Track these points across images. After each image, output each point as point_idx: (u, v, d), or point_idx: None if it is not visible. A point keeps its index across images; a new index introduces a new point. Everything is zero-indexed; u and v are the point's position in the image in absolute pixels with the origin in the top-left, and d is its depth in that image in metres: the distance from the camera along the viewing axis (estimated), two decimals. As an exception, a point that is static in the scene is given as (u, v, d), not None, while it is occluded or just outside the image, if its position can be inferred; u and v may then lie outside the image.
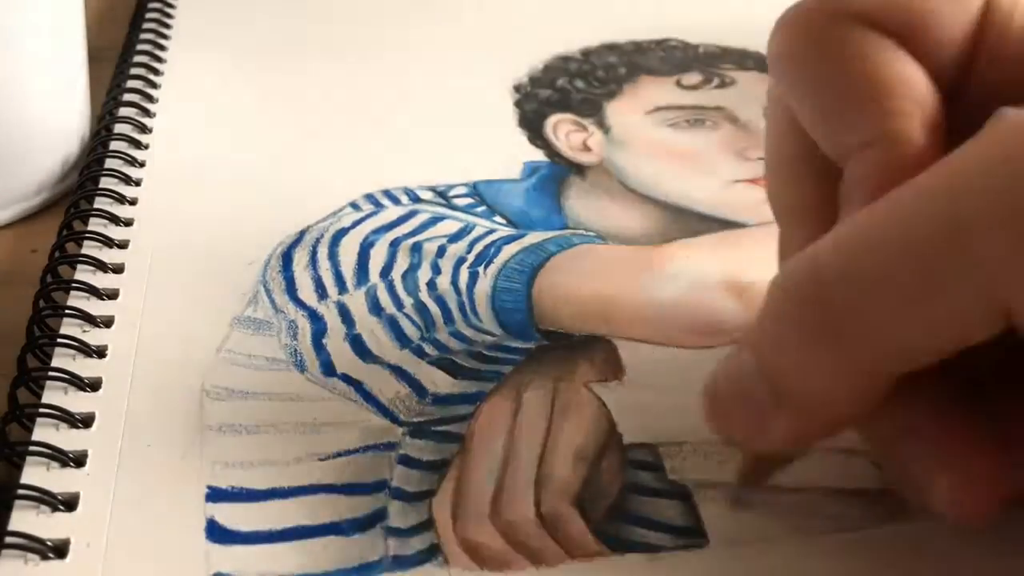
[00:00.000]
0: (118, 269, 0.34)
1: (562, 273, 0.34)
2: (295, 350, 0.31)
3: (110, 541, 0.25)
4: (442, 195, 0.38)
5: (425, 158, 0.40)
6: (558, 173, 0.40)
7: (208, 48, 0.48)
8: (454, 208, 0.37)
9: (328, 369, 0.31)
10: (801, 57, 0.26)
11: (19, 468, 0.27)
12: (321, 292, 0.33)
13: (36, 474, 0.27)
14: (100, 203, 0.37)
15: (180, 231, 0.36)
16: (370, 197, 0.38)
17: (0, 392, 0.29)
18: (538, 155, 0.41)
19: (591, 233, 0.37)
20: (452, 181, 0.39)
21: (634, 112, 0.44)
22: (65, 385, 0.29)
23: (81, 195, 0.37)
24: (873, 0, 0.25)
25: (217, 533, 0.26)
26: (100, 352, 0.31)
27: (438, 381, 0.30)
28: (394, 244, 0.35)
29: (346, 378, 0.30)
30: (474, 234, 0.36)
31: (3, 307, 0.33)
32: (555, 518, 0.26)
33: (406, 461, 0.28)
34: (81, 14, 0.40)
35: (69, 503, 0.26)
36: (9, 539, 0.25)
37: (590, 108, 0.44)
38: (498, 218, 0.37)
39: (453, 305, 0.33)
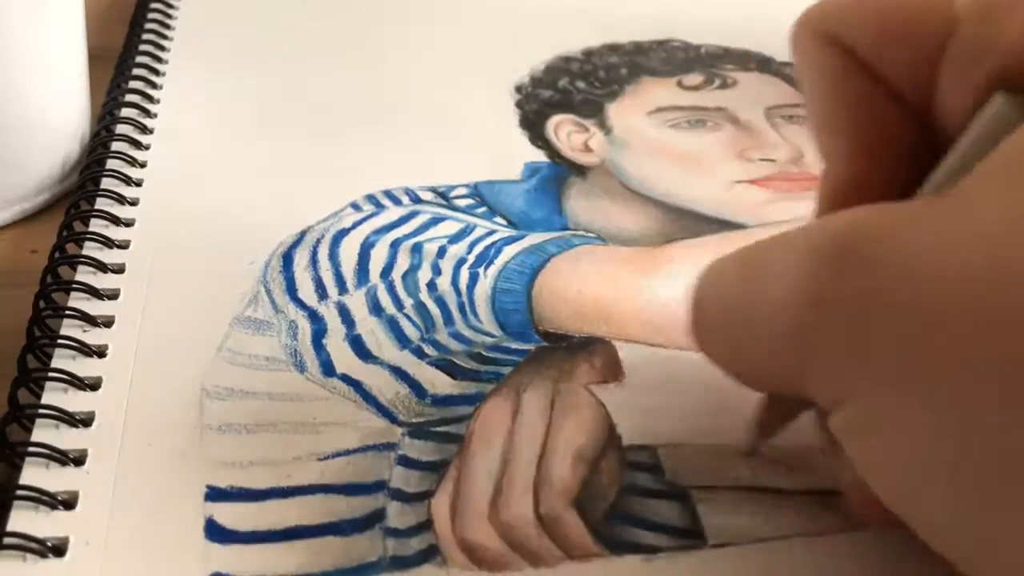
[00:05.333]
0: (118, 269, 0.34)
1: (562, 274, 0.34)
2: (295, 350, 0.31)
3: (109, 540, 0.25)
4: (443, 196, 0.38)
5: (426, 158, 0.40)
6: (559, 174, 0.40)
7: (209, 48, 0.48)
8: (455, 209, 0.37)
9: (328, 369, 0.31)
10: (794, 66, 0.27)
11: (19, 468, 0.27)
12: (321, 292, 0.33)
13: (35, 474, 0.27)
14: (101, 203, 0.37)
15: (181, 231, 0.36)
16: (371, 198, 0.38)
17: (0, 392, 0.29)
18: (539, 156, 0.41)
19: (591, 234, 0.37)
20: (453, 182, 0.39)
21: (635, 113, 0.44)
22: (65, 385, 0.29)
23: (81, 195, 0.37)
24: (841, 17, 0.25)
25: (216, 532, 0.26)
26: (100, 352, 0.31)
27: (437, 382, 0.30)
28: (395, 245, 0.35)
29: (346, 378, 0.30)
30: (474, 235, 0.36)
31: (3, 308, 0.33)
32: (554, 519, 0.26)
33: (405, 462, 0.28)
34: (81, 14, 0.40)
35: (68, 502, 0.26)
36: (8, 539, 0.25)
37: (591, 109, 0.44)
38: (499, 219, 0.37)
39: (453, 306, 0.33)
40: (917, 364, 0.19)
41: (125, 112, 0.42)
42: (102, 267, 0.34)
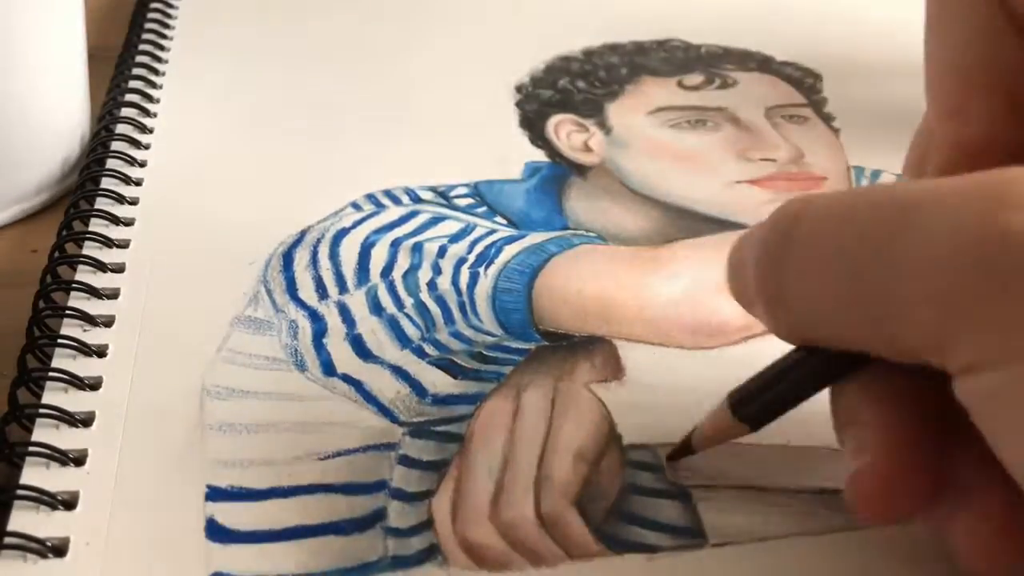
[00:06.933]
0: (118, 269, 0.34)
1: (563, 274, 0.34)
2: (295, 350, 0.31)
3: (110, 540, 0.25)
4: (443, 195, 0.38)
5: (426, 158, 0.40)
6: (559, 174, 0.40)
7: (209, 48, 0.48)
8: (455, 208, 0.37)
9: (328, 369, 0.31)
10: (928, 17, 0.26)
11: (19, 468, 0.27)
12: (322, 292, 0.33)
13: (36, 474, 0.27)
14: (100, 203, 0.37)
15: (181, 231, 0.36)
16: (371, 197, 0.38)
17: (0, 392, 0.29)
18: (539, 156, 0.41)
19: (592, 234, 0.37)
20: (453, 181, 0.39)
21: (636, 113, 0.44)
22: (65, 385, 0.29)
23: (81, 195, 0.37)
24: None
25: (217, 532, 0.26)
26: (100, 352, 0.31)
27: (438, 381, 0.30)
28: (395, 244, 0.35)
29: (346, 378, 0.30)
30: (475, 234, 0.36)
31: (3, 308, 0.33)
32: (555, 518, 0.26)
33: (406, 461, 0.28)
34: (81, 14, 0.40)
35: (69, 502, 0.26)
36: (8, 539, 0.25)
37: (591, 108, 0.44)
38: (499, 219, 0.37)
39: (453, 305, 0.33)
40: None
41: (125, 112, 0.42)
42: (102, 267, 0.34)
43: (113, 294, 0.33)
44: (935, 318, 0.21)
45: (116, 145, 0.40)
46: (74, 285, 0.33)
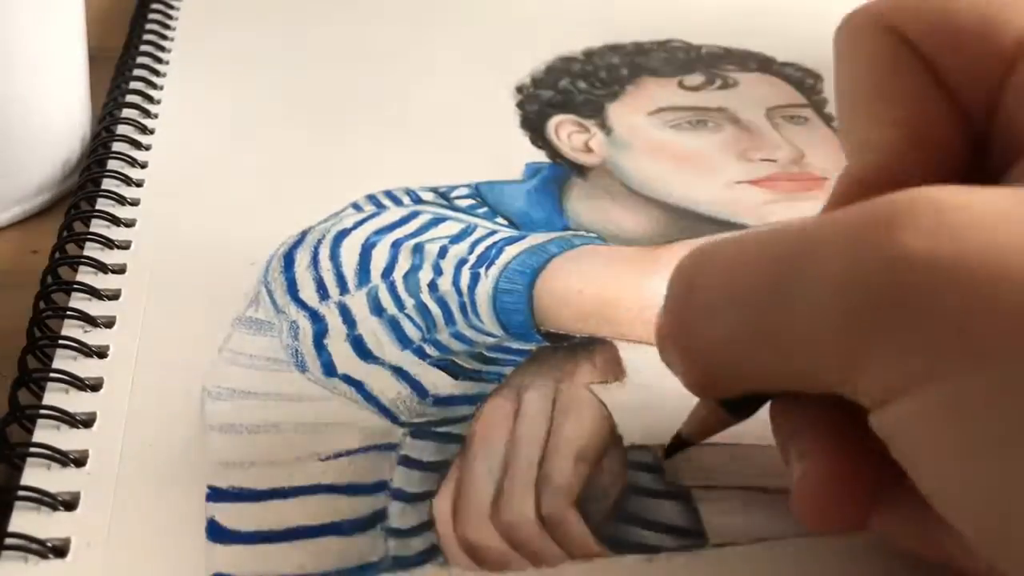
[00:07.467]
0: (119, 270, 0.34)
1: (563, 274, 0.34)
2: (296, 350, 0.31)
3: (110, 541, 0.25)
4: (444, 196, 0.38)
5: (427, 159, 0.40)
6: (560, 174, 0.40)
7: (209, 48, 0.48)
8: (456, 209, 0.37)
9: (329, 369, 0.31)
10: (836, 53, 0.26)
11: (20, 469, 0.27)
12: (323, 293, 0.33)
13: (37, 474, 0.27)
14: (101, 204, 0.37)
15: (182, 231, 0.36)
16: (372, 198, 0.38)
17: (1, 393, 0.29)
18: (540, 156, 0.41)
19: (593, 234, 0.37)
20: (454, 182, 0.39)
21: (636, 113, 0.44)
22: (66, 386, 0.29)
23: (82, 196, 0.37)
24: (913, 15, 0.25)
25: (217, 533, 0.26)
26: (101, 353, 0.31)
27: (439, 382, 0.30)
28: (396, 245, 0.35)
29: (347, 379, 0.30)
30: (476, 235, 0.36)
31: (3, 308, 0.33)
32: (555, 519, 0.26)
33: (407, 462, 0.28)
34: (81, 14, 0.40)
35: (69, 503, 0.26)
36: (9, 540, 0.25)
37: (592, 109, 0.44)
38: (500, 219, 0.37)
39: (454, 306, 0.33)
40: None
41: (125, 112, 0.42)
42: (103, 267, 0.34)
43: (114, 295, 0.33)
44: (838, 352, 0.20)
45: (117, 146, 0.40)
46: (75, 286, 0.33)
